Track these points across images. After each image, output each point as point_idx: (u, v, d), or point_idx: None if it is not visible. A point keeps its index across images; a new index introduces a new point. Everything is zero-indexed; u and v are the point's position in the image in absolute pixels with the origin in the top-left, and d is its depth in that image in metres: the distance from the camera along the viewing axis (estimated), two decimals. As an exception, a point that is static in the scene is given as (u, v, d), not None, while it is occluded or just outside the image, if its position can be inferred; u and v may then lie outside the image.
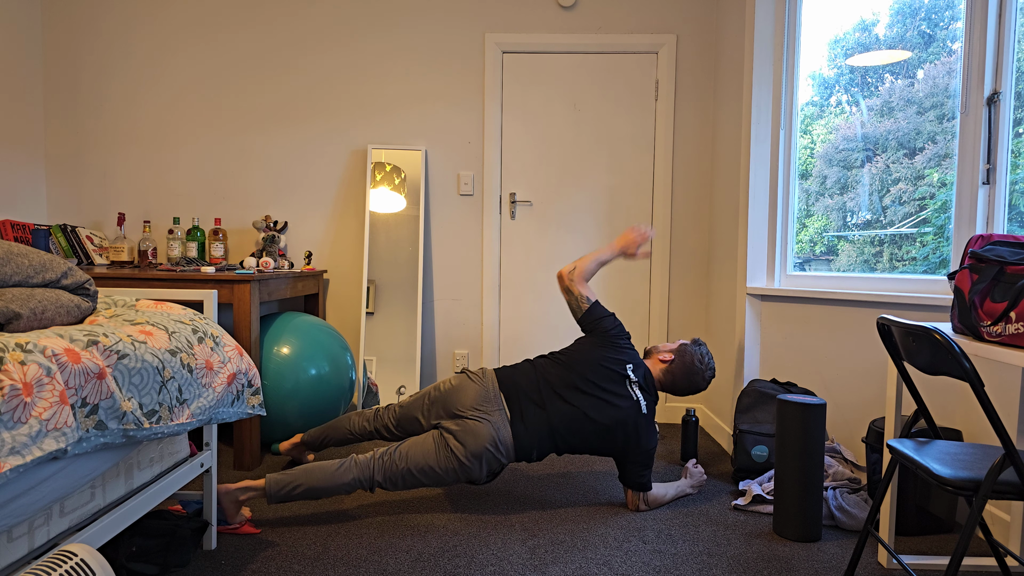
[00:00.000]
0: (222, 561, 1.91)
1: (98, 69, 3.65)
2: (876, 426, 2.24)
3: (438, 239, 3.66)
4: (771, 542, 2.10)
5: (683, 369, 2.44)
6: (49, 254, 1.56)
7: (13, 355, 1.14)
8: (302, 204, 3.66)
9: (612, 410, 2.26)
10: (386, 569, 1.88)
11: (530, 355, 3.69)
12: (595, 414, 2.25)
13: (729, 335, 3.24)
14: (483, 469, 2.20)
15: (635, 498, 2.34)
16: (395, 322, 3.51)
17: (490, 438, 2.17)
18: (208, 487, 1.97)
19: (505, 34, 3.56)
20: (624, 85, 3.59)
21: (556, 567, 1.91)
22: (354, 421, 2.53)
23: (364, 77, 3.62)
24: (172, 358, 1.54)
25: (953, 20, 2.39)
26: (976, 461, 1.50)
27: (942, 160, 2.42)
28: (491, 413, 2.22)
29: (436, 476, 2.18)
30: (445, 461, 2.17)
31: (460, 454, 2.17)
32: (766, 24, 2.96)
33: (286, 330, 2.95)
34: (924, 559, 1.95)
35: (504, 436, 2.19)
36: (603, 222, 3.64)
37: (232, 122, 3.65)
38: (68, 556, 1.18)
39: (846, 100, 2.82)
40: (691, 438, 2.86)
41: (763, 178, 3.00)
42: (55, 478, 1.25)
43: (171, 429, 1.50)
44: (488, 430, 2.18)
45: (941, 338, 1.42)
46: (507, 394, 2.27)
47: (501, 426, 2.20)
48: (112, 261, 3.39)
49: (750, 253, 3.01)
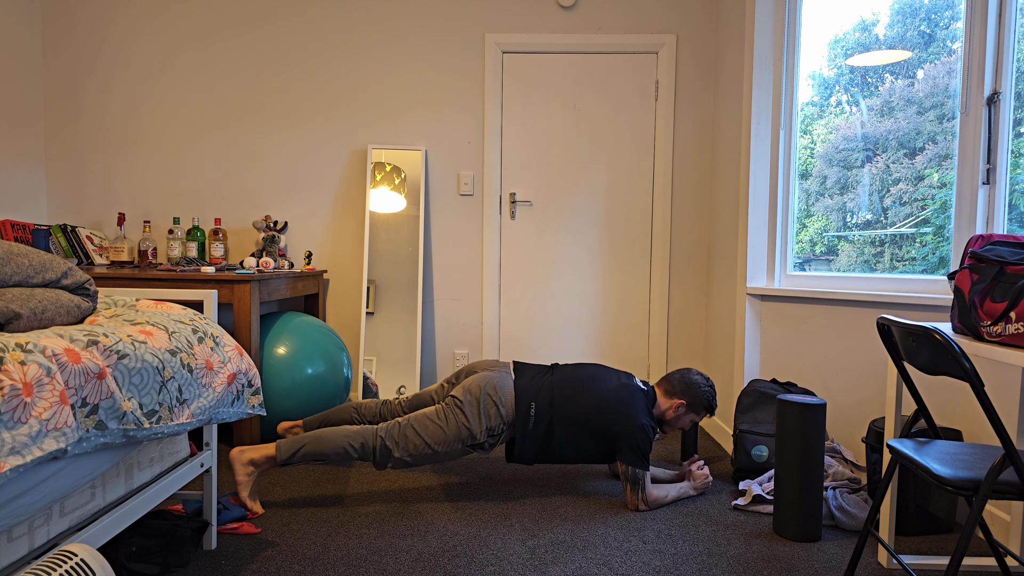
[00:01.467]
0: (222, 561, 1.91)
1: (98, 69, 3.65)
2: (876, 426, 2.24)
3: (438, 239, 3.66)
4: (771, 542, 2.10)
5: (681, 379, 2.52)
6: (49, 254, 1.56)
7: (13, 355, 1.14)
8: (302, 204, 3.66)
9: (614, 381, 2.41)
10: (386, 569, 1.88)
11: (530, 355, 3.70)
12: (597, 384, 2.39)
13: (729, 335, 3.24)
14: (482, 420, 2.29)
15: (634, 497, 2.33)
16: (395, 322, 3.51)
17: (491, 382, 2.35)
18: (208, 487, 1.97)
19: (505, 34, 3.56)
20: (624, 85, 3.59)
21: (556, 567, 1.91)
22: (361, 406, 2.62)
23: (364, 77, 3.62)
24: (172, 358, 1.54)
25: (953, 20, 2.39)
26: (976, 461, 1.50)
27: (942, 160, 2.42)
28: (497, 370, 2.43)
29: (438, 430, 2.30)
30: (446, 413, 2.32)
31: (459, 397, 2.33)
32: (766, 24, 2.96)
33: (284, 330, 2.95)
34: (924, 559, 1.95)
35: (505, 385, 2.36)
36: (603, 222, 3.64)
37: (232, 122, 3.65)
38: (68, 556, 1.18)
39: (846, 100, 2.82)
40: (691, 438, 2.86)
41: (763, 178, 3.00)
42: (55, 478, 1.25)
43: (171, 429, 1.50)
44: (491, 377, 2.38)
45: (941, 338, 1.42)
46: (517, 366, 2.49)
47: (504, 377, 2.39)
48: (112, 261, 3.39)
49: (750, 253, 3.01)
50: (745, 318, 3.02)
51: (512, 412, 2.32)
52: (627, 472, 2.33)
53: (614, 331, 3.67)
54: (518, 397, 2.33)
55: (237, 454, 2.26)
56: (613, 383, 2.40)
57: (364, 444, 2.29)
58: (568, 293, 3.67)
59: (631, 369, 3.69)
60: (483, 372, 2.41)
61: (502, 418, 2.31)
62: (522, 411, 2.32)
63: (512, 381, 2.38)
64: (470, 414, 2.30)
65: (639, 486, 2.33)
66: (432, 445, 2.29)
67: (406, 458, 2.29)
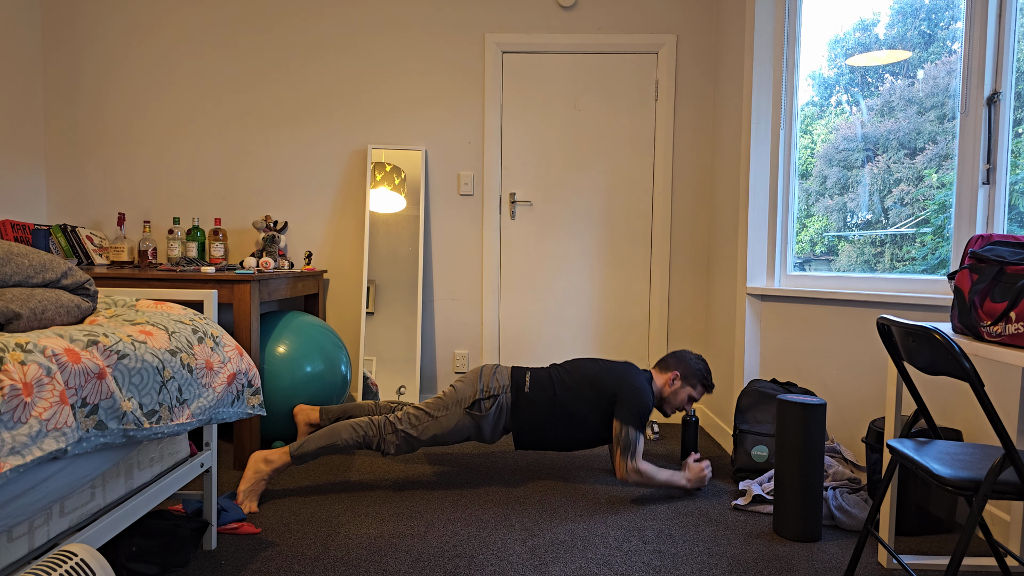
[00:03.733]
0: (222, 561, 1.91)
1: (99, 69, 3.65)
2: (876, 426, 2.24)
3: (438, 239, 3.66)
4: (771, 542, 2.10)
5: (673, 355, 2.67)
6: (49, 254, 1.56)
7: (13, 355, 1.14)
8: (302, 204, 3.66)
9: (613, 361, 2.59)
10: (386, 569, 1.88)
11: (530, 354, 3.70)
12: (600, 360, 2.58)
13: (729, 335, 3.24)
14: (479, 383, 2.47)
15: (623, 462, 2.36)
16: (395, 322, 3.51)
17: (488, 365, 2.57)
18: (208, 487, 1.97)
19: (505, 34, 3.56)
20: (624, 85, 3.59)
21: (556, 567, 1.91)
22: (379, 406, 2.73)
23: (364, 77, 3.62)
24: (172, 358, 1.54)
25: (953, 20, 2.39)
26: (976, 461, 1.50)
27: (942, 160, 2.42)
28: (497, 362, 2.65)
29: (436, 401, 2.47)
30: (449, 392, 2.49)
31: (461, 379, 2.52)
32: (766, 24, 2.96)
33: (283, 329, 2.96)
34: (924, 559, 1.95)
35: (502, 366, 2.58)
36: (603, 222, 3.64)
37: (232, 122, 3.65)
38: (68, 556, 1.18)
39: (846, 100, 2.82)
40: (691, 438, 2.86)
41: (763, 178, 3.00)
42: (55, 478, 1.25)
43: (171, 429, 1.50)
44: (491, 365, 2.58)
45: (941, 338, 1.42)
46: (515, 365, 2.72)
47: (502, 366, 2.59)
48: (112, 261, 3.39)
49: (750, 253, 3.01)
50: (745, 318, 3.02)
51: (508, 378, 2.51)
52: (620, 435, 2.38)
53: (614, 331, 3.67)
54: (514, 370, 2.55)
55: (256, 454, 2.37)
56: (614, 361, 2.60)
57: (371, 423, 2.41)
58: (568, 293, 3.67)
59: (631, 369, 3.70)
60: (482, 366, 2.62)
61: (498, 382, 2.48)
62: (518, 379, 2.51)
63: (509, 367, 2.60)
64: (468, 381, 2.50)
65: (630, 450, 2.36)
66: (431, 412, 2.44)
67: (408, 430, 2.41)
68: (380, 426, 2.41)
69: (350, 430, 2.40)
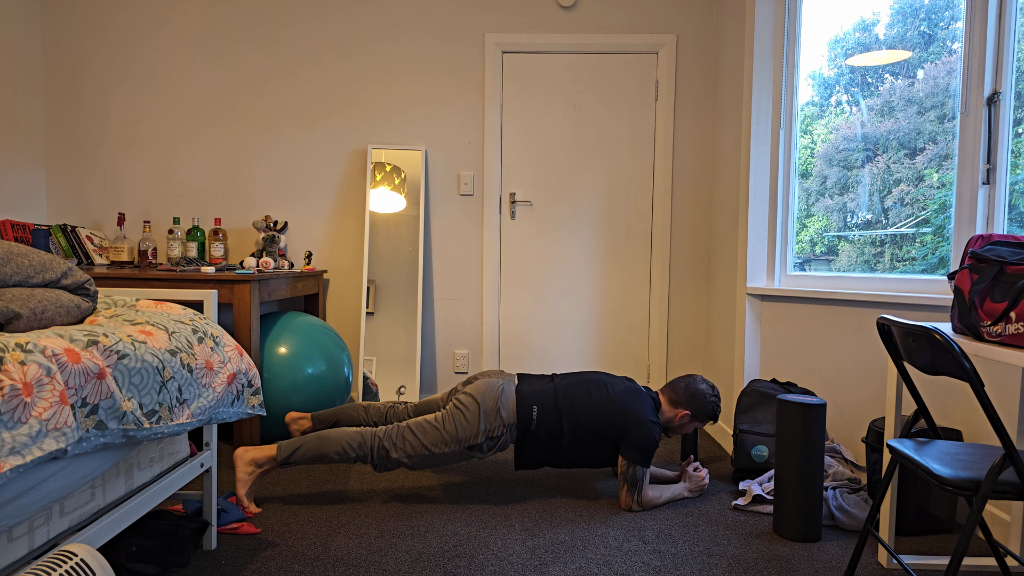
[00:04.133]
0: (222, 561, 1.91)
1: (98, 69, 3.65)
2: (876, 426, 2.24)
3: (438, 239, 3.66)
4: (771, 542, 2.10)
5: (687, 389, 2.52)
6: (49, 254, 1.56)
7: (13, 355, 1.14)
8: (302, 204, 3.66)
9: (620, 384, 2.45)
10: (386, 569, 1.88)
11: (530, 355, 3.70)
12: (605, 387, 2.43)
13: (729, 335, 3.24)
14: (482, 422, 2.30)
15: (628, 498, 2.33)
16: (395, 322, 3.51)
17: (494, 387, 2.38)
18: (208, 487, 1.97)
19: (505, 34, 3.56)
20: (624, 85, 3.59)
21: (556, 567, 1.91)
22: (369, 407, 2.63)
23: (364, 77, 3.62)
24: (172, 358, 1.54)
25: (953, 20, 2.39)
26: (976, 461, 1.50)
27: (943, 160, 2.42)
28: (500, 377, 2.45)
29: (435, 432, 2.32)
30: (445, 416, 2.35)
31: (461, 401, 2.35)
32: (766, 24, 2.96)
33: (284, 330, 2.95)
34: (924, 559, 1.95)
35: (508, 390, 2.38)
36: (603, 222, 3.64)
37: (232, 122, 3.65)
38: (68, 556, 1.18)
39: (846, 100, 2.82)
40: (691, 439, 2.85)
41: (763, 178, 3.00)
42: (55, 478, 1.25)
43: (171, 429, 1.50)
44: (494, 382, 2.40)
45: (941, 338, 1.42)
46: (521, 376, 2.52)
47: (507, 384, 2.41)
48: (112, 261, 3.39)
49: (750, 253, 3.01)
50: (745, 318, 3.02)
51: (514, 415, 2.34)
52: (627, 472, 2.33)
53: (614, 331, 3.67)
54: (520, 401, 2.36)
55: (241, 453, 2.29)
56: (620, 386, 2.44)
57: (363, 444, 2.30)
58: (568, 293, 3.67)
59: (631, 369, 3.69)
60: (487, 379, 2.44)
61: (502, 420, 2.33)
62: (524, 414, 2.35)
63: (515, 387, 2.41)
64: (470, 417, 2.32)
65: (636, 487, 2.33)
66: (428, 446, 2.30)
67: (403, 459, 2.30)
68: (373, 450, 2.30)
69: (340, 448, 2.29)
